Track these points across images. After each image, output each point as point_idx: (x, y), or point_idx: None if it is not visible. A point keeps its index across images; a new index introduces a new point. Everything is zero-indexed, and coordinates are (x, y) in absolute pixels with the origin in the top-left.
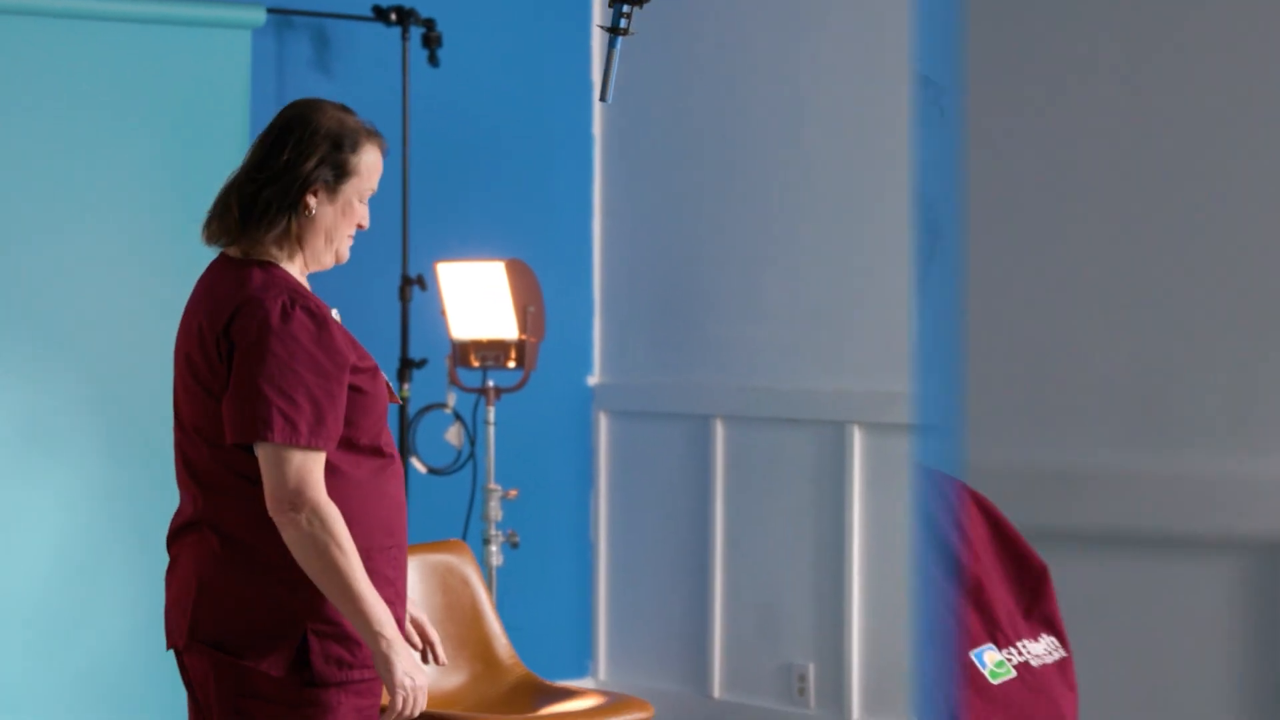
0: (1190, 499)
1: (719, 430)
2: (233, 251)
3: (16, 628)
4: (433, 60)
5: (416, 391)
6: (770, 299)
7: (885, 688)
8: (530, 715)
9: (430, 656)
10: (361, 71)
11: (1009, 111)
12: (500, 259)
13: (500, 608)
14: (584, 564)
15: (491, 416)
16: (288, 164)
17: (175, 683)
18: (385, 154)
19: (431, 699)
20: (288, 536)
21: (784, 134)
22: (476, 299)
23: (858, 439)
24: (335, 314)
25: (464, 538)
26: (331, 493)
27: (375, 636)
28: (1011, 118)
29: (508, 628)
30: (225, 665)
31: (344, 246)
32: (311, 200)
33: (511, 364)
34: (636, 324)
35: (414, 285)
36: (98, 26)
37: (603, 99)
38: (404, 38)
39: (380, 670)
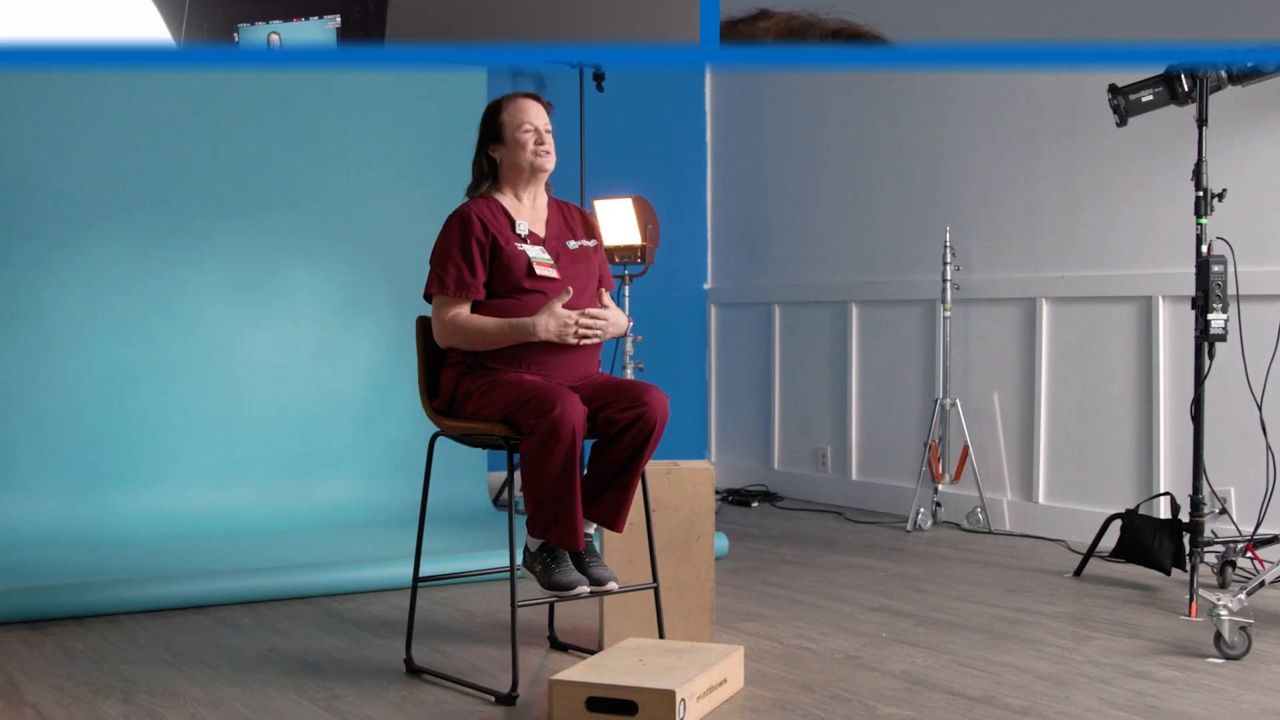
0: None
1: (776, 312)
2: None
3: None
4: (599, 88)
5: None
6: (813, 225)
7: (872, 460)
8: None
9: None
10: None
11: None
12: (629, 196)
13: None
14: (701, 388)
15: (627, 293)
16: (477, 147)
17: None
18: (533, 95)
19: None
20: (446, 344)
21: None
22: (617, 220)
23: (855, 316)
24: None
25: (609, 368)
26: (490, 312)
27: (525, 333)
28: None
29: None
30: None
31: (531, 158)
32: (495, 153)
33: (639, 260)
34: (733, 245)
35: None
36: None
37: None
38: (580, 76)
39: (539, 329)
